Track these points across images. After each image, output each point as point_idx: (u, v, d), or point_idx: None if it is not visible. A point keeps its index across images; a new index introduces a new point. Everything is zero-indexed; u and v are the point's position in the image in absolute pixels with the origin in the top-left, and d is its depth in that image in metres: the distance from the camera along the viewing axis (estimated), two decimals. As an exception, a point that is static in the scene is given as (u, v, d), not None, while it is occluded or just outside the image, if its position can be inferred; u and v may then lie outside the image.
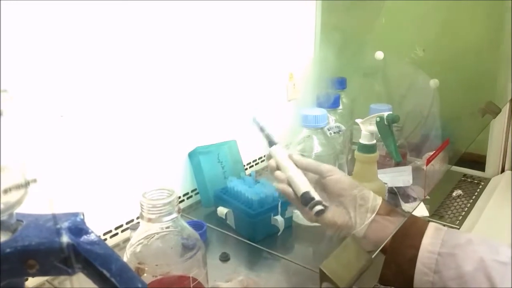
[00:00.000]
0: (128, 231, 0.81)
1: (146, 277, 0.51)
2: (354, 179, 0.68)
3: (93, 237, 0.34)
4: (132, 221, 0.83)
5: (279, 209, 0.79)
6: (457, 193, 1.00)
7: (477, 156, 1.11)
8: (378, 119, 0.79)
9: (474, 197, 0.99)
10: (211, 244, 0.80)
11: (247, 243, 0.79)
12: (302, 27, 1.19)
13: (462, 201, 0.97)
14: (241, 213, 0.80)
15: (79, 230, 0.33)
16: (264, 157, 1.15)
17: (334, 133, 0.96)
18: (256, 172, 1.11)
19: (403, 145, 0.99)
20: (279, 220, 0.79)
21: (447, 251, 0.53)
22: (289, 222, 0.82)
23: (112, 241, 0.80)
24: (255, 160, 1.13)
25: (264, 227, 0.79)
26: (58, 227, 0.32)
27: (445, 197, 0.99)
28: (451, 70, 1.09)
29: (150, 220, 0.51)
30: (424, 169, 0.67)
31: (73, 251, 0.32)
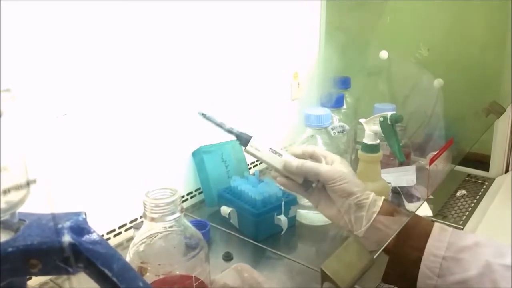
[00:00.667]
0: (132, 230, 0.81)
1: (149, 276, 0.51)
2: (358, 178, 0.68)
3: (95, 237, 0.34)
4: (135, 220, 0.83)
5: (282, 208, 0.79)
6: (461, 193, 0.99)
7: (482, 156, 1.10)
8: (381, 119, 0.79)
9: (478, 197, 0.98)
10: (214, 243, 0.80)
11: (251, 243, 0.80)
12: (307, 26, 1.19)
13: (466, 201, 0.96)
14: (244, 212, 0.80)
15: (81, 229, 0.33)
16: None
17: (338, 132, 0.96)
18: (260, 171, 1.10)
19: (407, 145, 0.99)
20: (282, 219, 0.79)
21: (452, 255, 0.52)
22: (292, 221, 0.82)
23: (115, 240, 0.80)
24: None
25: (267, 226, 0.79)
26: (60, 226, 0.32)
27: (448, 197, 0.99)
28: (456, 70, 1.09)
29: (153, 219, 0.51)
30: (428, 168, 0.66)
31: (75, 250, 0.32)
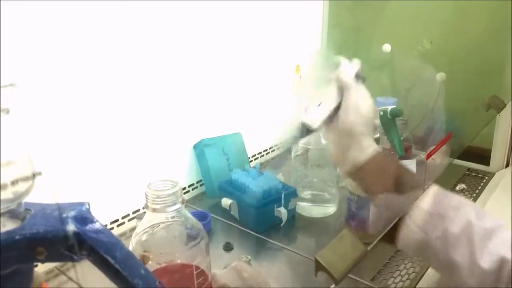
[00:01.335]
0: (135, 220, 0.83)
1: (151, 264, 0.53)
2: None
3: (98, 226, 0.35)
4: (138, 210, 0.85)
5: (282, 200, 0.80)
6: (460, 187, 1.00)
7: (482, 150, 1.11)
8: (381, 112, 0.80)
9: (477, 191, 0.99)
10: (215, 234, 0.82)
11: (251, 234, 0.81)
12: (309, 19, 1.19)
13: (465, 195, 0.97)
14: (245, 204, 0.82)
15: (84, 219, 0.35)
16: (269, 149, 1.16)
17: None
18: (261, 164, 1.12)
19: (409, 139, 0.99)
20: (282, 211, 0.80)
21: (438, 211, 0.54)
22: (292, 213, 0.84)
23: (119, 230, 0.82)
24: (260, 153, 1.14)
25: (267, 218, 0.81)
26: (65, 216, 0.33)
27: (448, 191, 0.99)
28: (458, 64, 1.09)
29: (155, 210, 0.52)
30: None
31: (78, 239, 0.33)
